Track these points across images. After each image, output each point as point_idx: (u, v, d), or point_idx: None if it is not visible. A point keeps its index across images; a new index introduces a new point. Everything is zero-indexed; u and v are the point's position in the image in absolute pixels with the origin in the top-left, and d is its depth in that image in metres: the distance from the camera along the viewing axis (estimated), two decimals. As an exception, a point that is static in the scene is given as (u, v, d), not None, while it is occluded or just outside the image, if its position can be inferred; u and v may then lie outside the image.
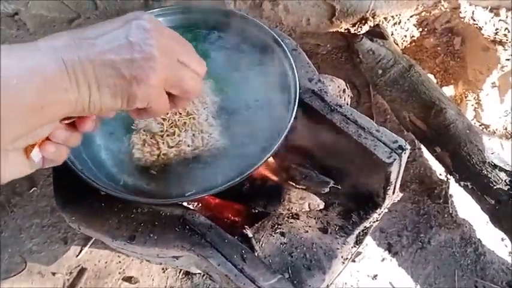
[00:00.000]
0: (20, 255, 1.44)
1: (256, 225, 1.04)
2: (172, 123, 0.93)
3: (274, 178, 1.07)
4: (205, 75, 0.92)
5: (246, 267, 0.82)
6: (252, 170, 0.85)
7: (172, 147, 0.92)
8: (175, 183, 0.89)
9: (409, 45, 1.75)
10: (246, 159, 0.91)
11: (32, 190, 1.55)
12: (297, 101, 0.93)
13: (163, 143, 0.92)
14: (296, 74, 0.96)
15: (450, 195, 1.50)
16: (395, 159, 0.90)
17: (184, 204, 1.05)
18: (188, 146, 0.92)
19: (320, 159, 1.07)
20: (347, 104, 1.04)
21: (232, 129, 0.96)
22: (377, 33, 1.59)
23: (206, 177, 0.89)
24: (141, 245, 0.84)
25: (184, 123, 0.94)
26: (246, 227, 1.01)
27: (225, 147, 0.93)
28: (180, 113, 0.95)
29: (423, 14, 1.71)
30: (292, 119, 0.91)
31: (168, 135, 0.93)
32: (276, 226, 1.03)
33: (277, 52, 1.01)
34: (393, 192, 1.03)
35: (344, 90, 1.13)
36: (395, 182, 0.99)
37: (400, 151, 0.91)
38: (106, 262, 1.43)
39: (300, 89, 0.96)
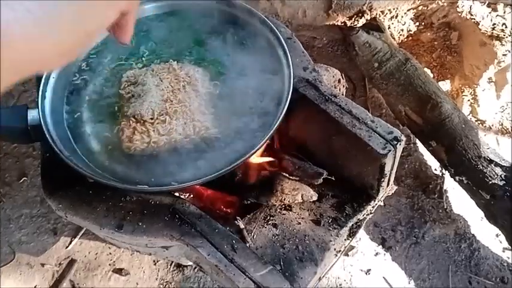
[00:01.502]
0: (9, 245, 1.42)
1: (248, 216, 1.02)
2: (163, 110, 0.92)
3: (267, 168, 1.05)
4: (197, 63, 0.90)
5: (237, 257, 0.80)
6: (242, 159, 0.84)
7: (163, 135, 0.90)
8: (165, 171, 0.87)
9: (406, 40, 1.74)
10: (237, 148, 0.89)
11: (22, 180, 1.53)
12: (290, 90, 0.91)
13: (153, 130, 0.90)
14: (290, 62, 0.94)
15: (445, 190, 1.50)
16: (390, 151, 0.89)
17: (176, 194, 1.03)
18: (179, 134, 0.90)
19: (314, 150, 1.05)
20: (342, 94, 1.02)
21: (224, 117, 0.94)
22: (374, 26, 1.57)
23: (196, 166, 0.87)
24: (129, 234, 0.82)
25: (176, 111, 0.92)
26: (238, 218, 0.99)
27: (216, 136, 0.91)
28: (172, 101, 0.93)
29: (420, 8, 1.70)
30: (285, 108, 0.89)
31: (158, 123, 0.91)
32: (269, 217, 1.01)
33: (272, 40, 1.00)
34: (387, 185, 1.01)
35: (339, 80, 1.11)
36: (390, 174, 0.98)
37: (395, 142, 0.90)
38: (96, 253, 1.41)
39: (294, 78, 0.95)
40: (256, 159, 1.06)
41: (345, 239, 1.01)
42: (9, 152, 1.58)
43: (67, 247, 1.42)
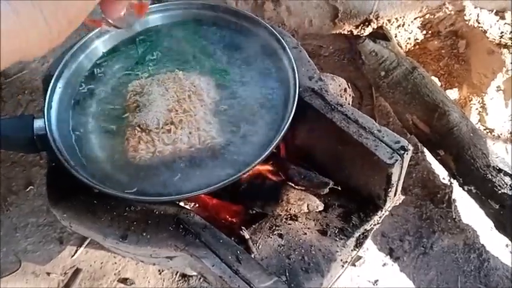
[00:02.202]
0: (15, 254, 1.42)
1: (254, 226, 1.01)
2: (168, 120, 0.91)
3: (273, 178, 1.05)
4: (203, 72, 0.90)
5: (241, 268, 0.79)
6: (247, 169, 0.83)
7: (168, 144, 0.90)
8: (170, 181, 0.87)
9: (412, 48, 1.73)
10: (243, 158, 0.89)
11: (29, 189, 1.53)
12: (296, 99, 0.91)
13: (158, 140, 0.90)
14: (296, 71, 0.94)
15: (453, 199, 1.47)
16: (397, 160, 0.88)
17: (181, 203, 1.02)
18: (184, 143, 0.90)
19: (320, 160, 1.04)
20: (348, 104, 1.02)
21: (229, 127, 0.94)
22: (380, 35, 1.57)
23: (201, 176, 0.87)
24: (134, 244, 0.81)
25: (181, 120, 0.92)
26: (243, 228, 0.98)
27: (221, 146, 0.91)
28: (177, 110, 0.93)
29: (427, 16, 1.69)
30: (291, 118, 0.89)
31: (163, 132, 0.91)
32: (274, 227, 1.00)
33: (278, 49, 1.00)
34: (395, 195, 1.00)
35: (345, 89, 1.10)
36: (397, 184, 0.96)
37: (402, 152, 0.89)
38: (102, 263, 1.41)
39: (299, 87, 0.94)
40: (262, 168, 1.06)
41: (351, 250, 1.00)
42: (16, 161, 1.59)
43: (73, 256, 1.42)
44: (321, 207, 0.99)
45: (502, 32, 1.56)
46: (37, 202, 1.51)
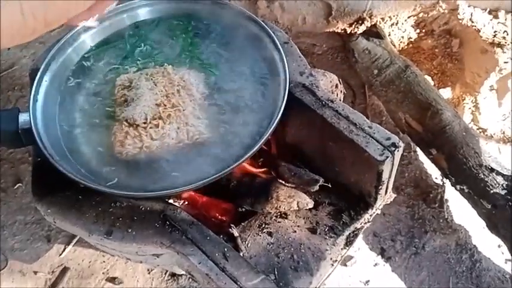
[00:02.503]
0: (2, 252, 1.40)
1: (243, 224, 1.00)
2: (156, 114, 0.90)
3: (263, 175, 1.03)
4: (193, 67, 0.88)
5: (228, 266, 0.77)
6: (235, 165, 0.82)
7: (155, 139, 0.88)
8: (157, 177, 0.85)
9: (406, 47, 1.72)
10: (231, 153, 0.87)
11: (17, 186, 1.51)
12: (286, 95, 0.90)
13: (146, 135, 0.89)
14: (286, 67, 0.93)
15: (446, 199, 1.47)
16: (387, 157, 0.87)
17: (170, 200, 1.01)
18: (172, 138, 0.89)
19: (310, 157, 1.03)
20: (339, 100, 1.01)
21: (218, 122, 0.92)
22: (373, 33, 1.56)
23: (189, 172, 0.85)
24: (119, 241, 0.80)
25: (169, 115, 0.90)
26: (232, 225, 0.97)
27: (210, 141, 0.89)
28: (165, 105, 0.91)
29: (421, 15, 1.68)
30: (280, 113, 0.88)
31: (151, 127, 0.89)
32: (264, 225, 0.99)
33: (268, 44, 0.98)
34: (385, 193, 0.99)
35: (336, 86, 1.09)
36: (388, 182, 0.95)
37: (393, 149, 0.88)
38: (90, 262, 1.38)
39: (290, 83, 0.93)
40: (252, 165, 1.05)
41: (341, 248, 0.99)
42: (5, 158, 1.57)
43: (60, 255, 1.39)
44: (311, 205, 0.97)
45: (495, 31, 1.55)
46: (25, 199, 1.49)
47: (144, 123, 0.89)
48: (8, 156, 1.57)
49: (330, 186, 0.98)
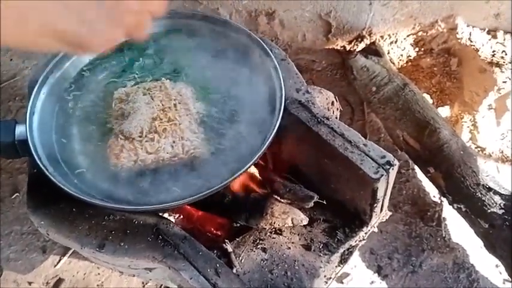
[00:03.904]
0: (-2, 262, 1.39)
1: (237, 239, 1.00)
2: (152, 128, 0.90)
3: (258, 191, 1.03)
4: (190, 82, 0.89)
5: (220, 282, 0.77)
6: (228, 180, 0.82)
7: (150, 153, 0.89)
8: (151, 190, 0.85)
9: (405, 65, 1.73)
10: (226, 169, 0.87)
11: (14, 196, 1.51)
12: (281, 111, 0.90)
13: (141, 148, 0.89)
14: (282, 83, 0.94)
15: (443, 218, 1.46)
16: (382, 175, 0.87)
17: (165, 215, 1.01)
18: (167, 153, 0.89)
19: (306, 173, 1.03)
20: (336, 117, 1.01)
21: (214, 137, 0.93)
22: (372, 51, 1.57)
23: (183, 186, 0.86)
24: (111, 254, 0.79)
25: (165, 129, 0.91)
26: (226, 241, 0.97)
27: (205, 156, 0.90)
28: (161, 119, 0.92)
29: (420, 33, 1.70)
30: (275, 129, 0.88)
31: (147, 141, 0.90)
32: (258, 241, 0.99)
33: (266, 61, 0.99)
34: (381, 210, 0.99)
35: (332, 103, 1.10)
36: (383, 200, 0.95)
37: (388, 167, 0.87)
38: (85, 274, 1.38)
39: (286, 99, 0.94)
40: (247, 181, 1.05)
41: (336, 266, 0.98)
42: (3, 168, 1.57)
43: (55, 266, 1.39)
44: (305, 221, 0.97)
45: (494, 51, 1.57)
46: (22, 210, 1.48)
47: (140, 136, 0.90)
48: (7, 166, 1.57)
49: (325, 203, 0.98)
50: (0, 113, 1.66)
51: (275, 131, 0.88)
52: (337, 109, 1.13)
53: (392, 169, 0.88)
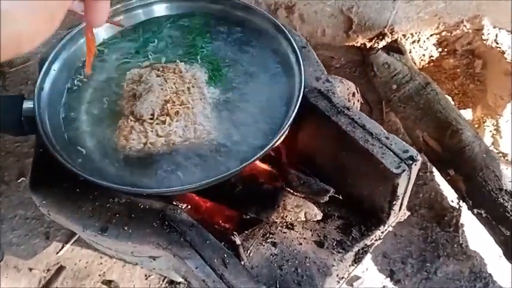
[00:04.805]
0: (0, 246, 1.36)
1: (246, 232, 0.95)
2: (163, 111, 0.86)
3: (270, 183, 0.99)
4: (205, 66, 0.84)
5: (227, 273, 0.72)
6: (238, 168, 0.77)
7: (161, 136, 0.85)
8: (160, 174, 0.81)
9: (427, 65, 1.67)
10: (239, 156, 0.83)
11: (20, 180, 1.49)
12: (299, 99, 0.86)
13: (152, 131, 0.85)
14: (302, 70, 0.89)
15: (461, 224, 1.40)
16: (404, 170, 0.81)
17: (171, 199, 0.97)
18: (179, 136, 0.85)
19: (322, 166, 0.98)
20: (356, 108, 0.96)
21: (228, 123, 0.88)
22: (394, 48, 1.52)
23: (193, 172, 0.81)
24: (113, 238, 0.75)
25: (177, 112, 0.87)
26: (235, 233, 0.92)
27: (217, 142, 0.85)
28: (174, 102, 0.88)
29: (444, 33, 1.64)
30: (292, 118, 0.83)
31: (158, 124, 0.86)
32: (268, 235, 0.94)
33: (285, 47, 0.95)
34: (400, 209, 0.93)
35: (354, 94, 1.05)
36: (403, 198, 0.90)
37: (411, 162, 0.82)
38: (87, 262, 1.34)
39: (305, 87, 0.89)
40: (260, 171, 1.00)
41: (349, 265, 0.93)
42: (11, 151, 1.55)
43: (58, 253, 1.35)
44: (319, 217, 0.92)
45: (521, 54, 1.50)
46: (27, 194, 1.45)
47: (151, 118, 0.86)
48: (15, 150, 1.55)
49: (340, 198, 0.93)
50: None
51: (291, 120, 0.83)
52: (358, 100, 1.08)
53: (415, 165, 0.83)
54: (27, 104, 0.85)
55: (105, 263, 1.33)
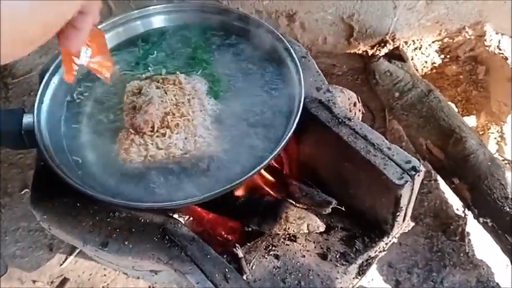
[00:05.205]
0: (2, 258, 1.36)
1: (249, 244, 0.94)
2: (164, 123, 0.86)
3: (273, 194, 0.98)
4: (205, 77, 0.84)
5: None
6: (240, 180, 0.77)
7: (161, 149, 0.84)
8: (160, 187, 0.81)
9: (429, 72, 1.67)
10: (239, 168, 0.82)
11: (24, 192, 1.49)
12: (300, 110, 0.85)
13: (152, 143, 0.85)
14: (302, 80, 0.89)
15: (467, 232, 1.38)
16: (407, 181, 0.80)
17: (175, 215, 0.96)
18: (179, 149, 0.84)
19: (324, 177, 0.97)
20: (358, 118, 0.95)
21: (229, 135, 0.88)
22: (396, 56, 1.51)
23: (194, 185, 0.81)
24: (114, 253, 0.75)
25: (177, 124, 0.86)
26: (237, 245, 0.91)
27: (218, 154, 0.85)
28: (174, 114, 0.87)
29: (446, 40, 1.64)
30: (293, 129, 0.83)
31: (158, 136, 0.85)
32: (271, 247, 0.93)
33: (285, 57, 0.95)
34: (403, 220, 0.92)
35: (355, 104, 1.04)
36: (406, 209, 0.89)
37: (414, 173, 0.81)
38: (90, 274, 1.34)
39: (305, 98, 0.89)
40: (261, 183, 0.99)
41: (353, 278, 0.92)
42: (14, 162, 1.55)
43: (61, 265, 1.35)
44: (322, 228, 0.91)
45: (524, 60, 1.49)
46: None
47: (151, 131, 0.85)
48: (18, 161, 1.55)
49: (343, 209, 0.92)
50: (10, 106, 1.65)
51: (292, 131, 0.83)
52: (359, 110, 1.07)
53: (418, 175, 0.82)
54: (27, 118, 0.85)
55: (109, 274, 1.33)
